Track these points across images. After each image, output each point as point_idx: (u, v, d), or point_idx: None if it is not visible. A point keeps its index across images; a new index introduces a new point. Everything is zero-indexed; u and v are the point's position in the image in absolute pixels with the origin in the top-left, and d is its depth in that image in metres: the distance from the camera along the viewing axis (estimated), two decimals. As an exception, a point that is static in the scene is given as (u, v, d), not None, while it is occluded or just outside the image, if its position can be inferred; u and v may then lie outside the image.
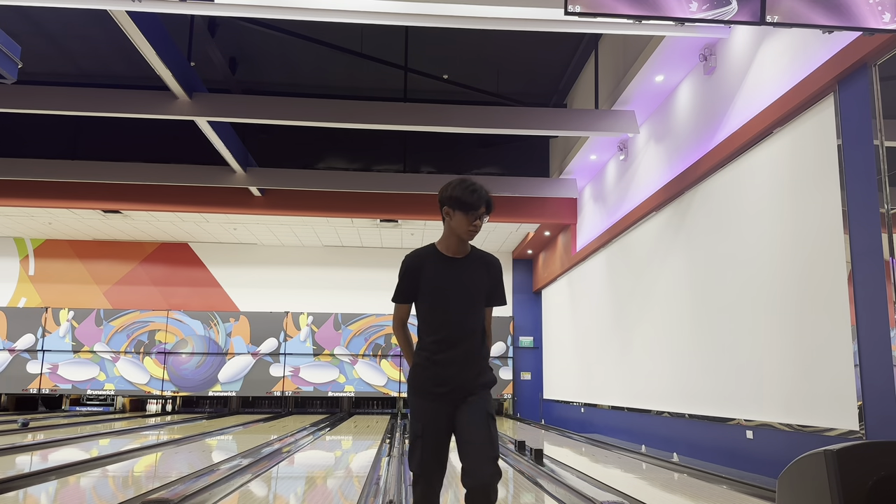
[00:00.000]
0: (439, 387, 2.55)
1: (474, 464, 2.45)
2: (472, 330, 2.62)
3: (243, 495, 4.55)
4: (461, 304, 2.62)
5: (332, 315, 13.22)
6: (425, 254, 2.72)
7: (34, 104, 7.96)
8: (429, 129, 8.34)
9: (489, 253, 2.80)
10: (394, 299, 2.69)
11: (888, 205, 3.96)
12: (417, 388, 2.60)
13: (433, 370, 2.57)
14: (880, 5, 3.43)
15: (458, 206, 2.62)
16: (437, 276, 2.64)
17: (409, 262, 2.71)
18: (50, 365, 12.81)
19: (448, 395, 2.55)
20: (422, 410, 2.57)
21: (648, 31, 5.94)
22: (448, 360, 2.57)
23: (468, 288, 2.65)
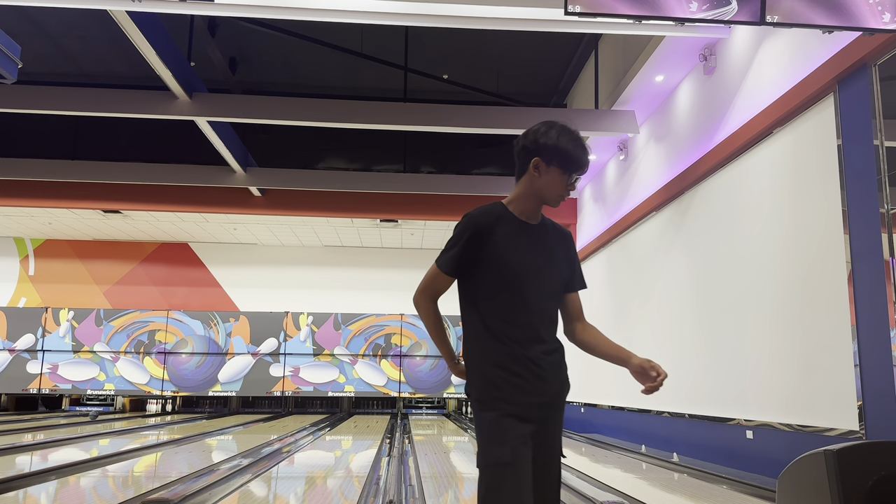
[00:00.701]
0: (533, 397, 1.92)
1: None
2: (554, 320, 2.08)
3: (243, 495, 4.55)
4: (546, 285, 2.03)
5: (332, 315, 13.22)
6: (497, 213, 2.02)
7: (34, 104, 7.96)
8: (429, 129, 8.34)
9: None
10: (440, 264, 2.05)
11: (888, 205, 3.96)
12: (497, 398, 1.91)
13: (521, 374, 1.92)
14: (880, 5, 3.43)
15: (561, 160, 1.98)
16: (513, 245, 2.00)
17: (477, 220, 1.99)
18: (50, 365, 12.81)
19: (541, 410, 1.94)
20: (508, 429, 1.87)
21: (648, 31, 5.94)
22: (536, 359, 1.95)
23: (551, 265, 2.05)
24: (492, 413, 1.90)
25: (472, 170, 11.88)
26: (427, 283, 2.11)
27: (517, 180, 2.07)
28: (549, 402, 1.95)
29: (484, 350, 1.97)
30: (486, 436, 1.90)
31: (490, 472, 1.84)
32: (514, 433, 1.86)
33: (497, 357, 1.94)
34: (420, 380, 13.11)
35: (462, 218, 2.02)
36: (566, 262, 2.10)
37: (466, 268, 2.02)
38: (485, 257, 1.98)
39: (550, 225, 2.12)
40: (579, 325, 2.18)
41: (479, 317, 2.01)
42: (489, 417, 1.90)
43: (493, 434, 1.88)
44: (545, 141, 1.99)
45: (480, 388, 1.95)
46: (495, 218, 2.00)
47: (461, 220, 2.02)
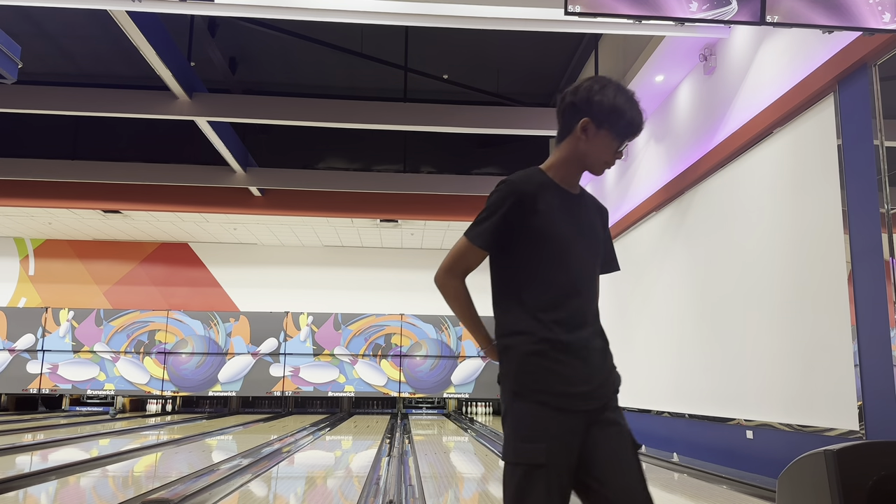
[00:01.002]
0: (577, 386, 1.68)
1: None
2: (597, 301, 1.88)
3: (243, 495, 4.55)
4: (590, 263, 1.82)
5: (332, 315, 13.22)
6: (539, 181, 1.77)
7: (34, 104, 7.96)
8: (429, 129, 8.34)
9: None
10: (473, 237, 1.77)
11: (888, 205, 3.95)
12: (535, 389, 1.66)
13: (564, 361, 1.68)
14: (880, 5, 3.43)
15: (615, 123, 1.74)
16: (558, 217, 1.75)
17: (520, 187, 1.74)
18: (50, 365, 12.81)
19: (587, 402, 1.69)
20: (545, 424, 1.63)
21: (648, 31, 5.95)
22: (582, 344, 1.74)
23: (594, 240, 1.85)
24: (528, 404, 1.65)
25: (472, 170, 11.89)
26: (454, 260, 1.80)
27: (558, 142, 1.82)
28: (596, 391, 1.72)
29: (522, 333, 1.71)
30: (519, 430, 1.65)
31: (520, 471, 1.61)
32: (553, 430, 1.62)
33: (537, 341, 1.68)
34: (420, 380, 13.12)
35: (499, 184, 1.77)
36: (603, 239, 1.91)
37: (503, 241, 1.76)
38: (526, 229, 1.73)
39: (588, 196, 1.88)
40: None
41: (516, 296, 1.77)
42: (524, 409, 1.65)
43: (527, 429, 1.63)
44: (600, 99, 1.73)
45: (516, 376, 1.69)
46: (538, 185, 1.75)
47: (498, 186, 1.76)
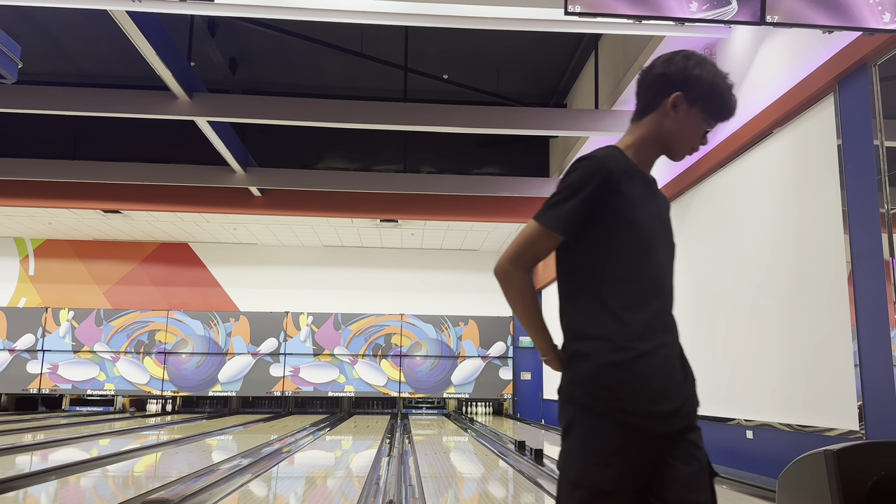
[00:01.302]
0: (662, 405, 1.47)
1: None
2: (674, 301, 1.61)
3: (243, 495, 4.55)
4: (669, 257, 1.61)
5: (332, 315, 13.22)
6: (622, 159, 1.57)
7: (34, 104, 7.96)
8: (429, 129, 8.34)
9: None
10: (549, 221, 1.56)
11: (888, 205, 3.96)
12: (613, 406, 1.44)
13: (648, 374, 1.46)
14: (880, 5, 3.43)
15: (709, 102, 1.60)
16: (644, 203, 1.55)
17: (608, 165, 1.52)
18: (50, 365, 12.81)
19: (672, 422, 1.50)
20: (621, 448, 1.43)
21: (648, 31, 5.94)
22: (667, 353, 1.53)
23: (670, 232, 1.64)
24: (602, 422, 1.44)
25: (472, 170, 11.89)
26: (522, 247, 1.57)
27: (636, 120, 1.62)
28: (681, 409, 1.51)
29: (599, 338, 1.47)
30: (587, 450, 1.44)
31: (583, 494, 1.42)
32: (629, 454, 1.43)
33: (618, 349, 1.45)
34: (420, 380, 13.11)
35: (581, 160, 1.53)
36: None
37: (582, 227, 1.52)
38: (611, 215, 1.50)
39: (654, 181, 1.66)
40: None
41: (594, 293, 1.51)
42: (597, 427, 1.44)
43: (599, 450, 1.43)
44: (699, 73, 1.56)
45: (590, 389, 1.46)
46: (622, 165, 1.54)
47: (580, 162, 1.52)
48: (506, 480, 5.68)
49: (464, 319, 13.31)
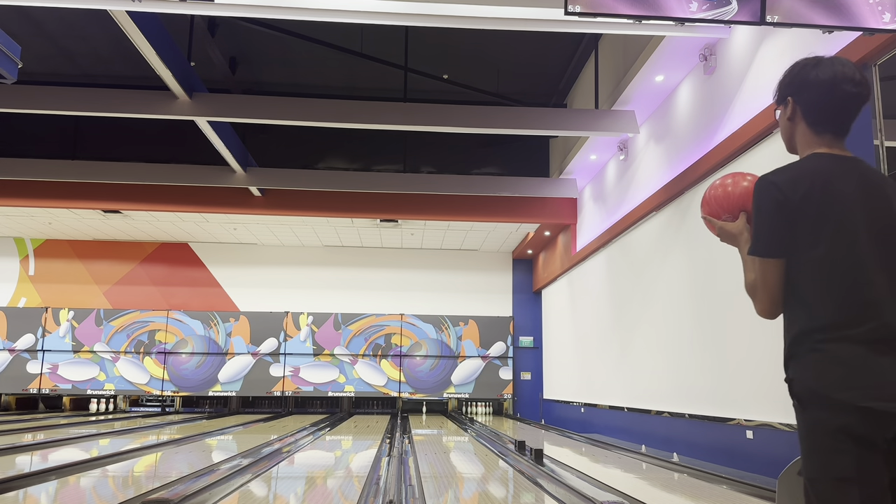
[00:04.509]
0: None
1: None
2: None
3: (243, 495, 4.55)
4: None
5: (332, 315, 13.22)
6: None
7: (34, 104, 7.96)
8: (429, 129, 8.34)
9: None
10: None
11: (888, 205, 3.95)
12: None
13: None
14: (880, 5, 3.43)
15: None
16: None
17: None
18: (50, 365, 12.81)
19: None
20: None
21: (648, 31, 5.94)
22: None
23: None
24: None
25: (472, 170, 11.89)
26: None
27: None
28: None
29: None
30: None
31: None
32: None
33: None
34: (420, 380, 13.12)
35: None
36: None
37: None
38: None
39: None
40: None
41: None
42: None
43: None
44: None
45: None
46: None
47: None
48: (506, 480, 5.68)
49: (464, 319, 13.31)
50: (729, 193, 1.81)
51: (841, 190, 1.56)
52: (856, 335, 1.49)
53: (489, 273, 13.88)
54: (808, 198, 1.55)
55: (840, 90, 1.62)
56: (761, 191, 1.62)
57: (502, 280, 13.91)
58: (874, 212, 1.56)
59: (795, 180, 1.58)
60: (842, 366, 1.48)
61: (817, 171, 1.60)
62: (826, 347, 1.51)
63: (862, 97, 1.64)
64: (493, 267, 13.92)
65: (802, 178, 1.59)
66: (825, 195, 1.56)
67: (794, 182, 1.58)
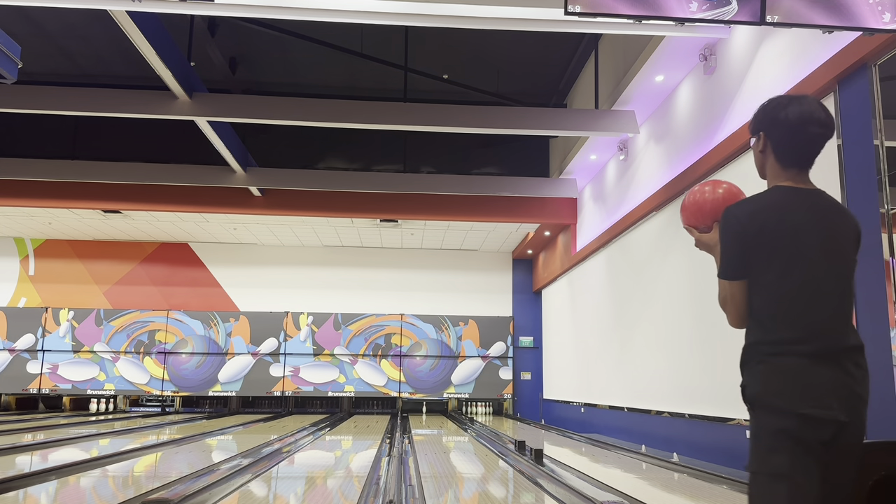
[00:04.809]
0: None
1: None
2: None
3: (243, 495, 4.55)
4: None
5: (332, 315, 13.22)
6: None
7: (34, 104, 7.96)
8: (429, 129, 8.34)
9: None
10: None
11: (888, 205, 3.96)
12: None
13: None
14: (880, 5, 3.43)
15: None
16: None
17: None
18: (50, 365, 12.81)
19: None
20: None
21: (648, 31, 5.94)
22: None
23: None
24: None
25: (472, 170, 11.89)
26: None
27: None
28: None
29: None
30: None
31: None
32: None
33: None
34: (420, 380, 13.12)
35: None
36: None
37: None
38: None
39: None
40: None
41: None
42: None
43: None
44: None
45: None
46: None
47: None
48: (506, 480, 5.68)
49: (464, 319, 13.31)
50: (703, 205, 2.00)
51: (795, 221, 1.78)
52: (801, 350, 1.72)
53: (489, 273, 13.88)
54: (763, 229, 1.77)
55: (806, 131, 1.83)
56: (725, 222, 1.84)
57: (502, 280, 13.91)
58: (824, 240, 1.78)
59: (754, 213, 1.79)
60: (785, 376, 1.71)
61: (775, 204, 1.81)
62: (773, 360, 1.74)
63: (826, 136, 1.86)
64: (493, 267, 13.92)
65: (761, 210, 1.80)
66: (779, 226, 1.77)
67: (753, 215, 1.79)
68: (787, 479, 1.66)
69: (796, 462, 1.66)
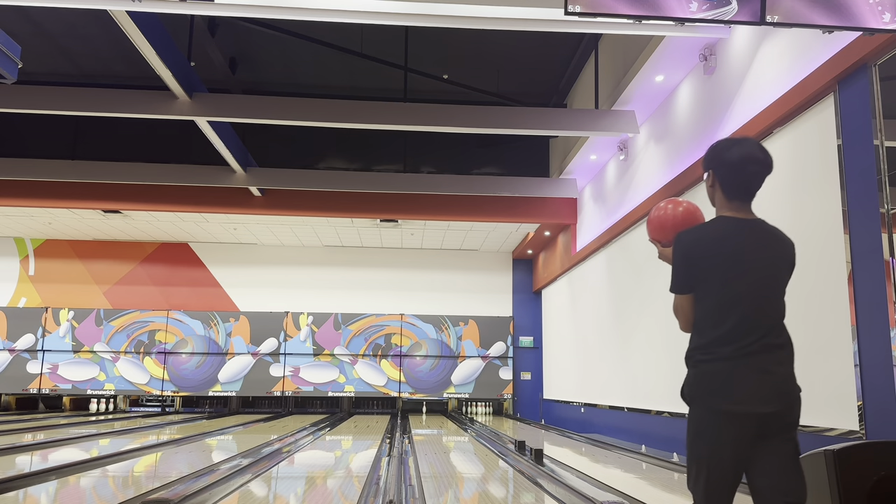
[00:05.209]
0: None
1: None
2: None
3: (243, 495, 4.55)
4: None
5: (332, 315, 13.22)
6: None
7: (34, 104, 7.96)
8: (429, 129, 8.34)
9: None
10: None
11: (888, 205, 3.95)
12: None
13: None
14: (880, 5, 3.43)
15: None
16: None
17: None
18: (50, 365, 12.81)
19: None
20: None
21: (648, 31, 5.94)
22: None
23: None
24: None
25: (472, 170, 11.89)
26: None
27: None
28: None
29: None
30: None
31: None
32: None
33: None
34: (420, 380, 13.12)
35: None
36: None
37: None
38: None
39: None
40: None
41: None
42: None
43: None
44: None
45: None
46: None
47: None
48: (506, 480, 5.68)
49: (464, 319, 13.31)
50: (665, 221, 2.31)
51: (731, 247, 2.12)
52: (726, 354, 2.04)
53: (489, 273, 13.88)
54: (704, 254, 2.12)
55: (746, 170, 2.16)
56: (675, 246, 2.18)
57: (502, 280, 13.91)
58: (756, 262, 2.11)
59: (698, 240, 2.15)
60: (712, 378, 2.05)
61: (716, 232, 2.16)
62: (703, 364, 2.08)
63: (764, 173, 2.19)
64: (493, 267, 13.92)
65: (704, 238, 2.15)
66: (718, 251, 2.11)
67: (697, 241, 2.15)
68: (707, 463, 2.04)
69: (715, 450, 2.02)
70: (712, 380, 2.04)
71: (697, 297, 2.13)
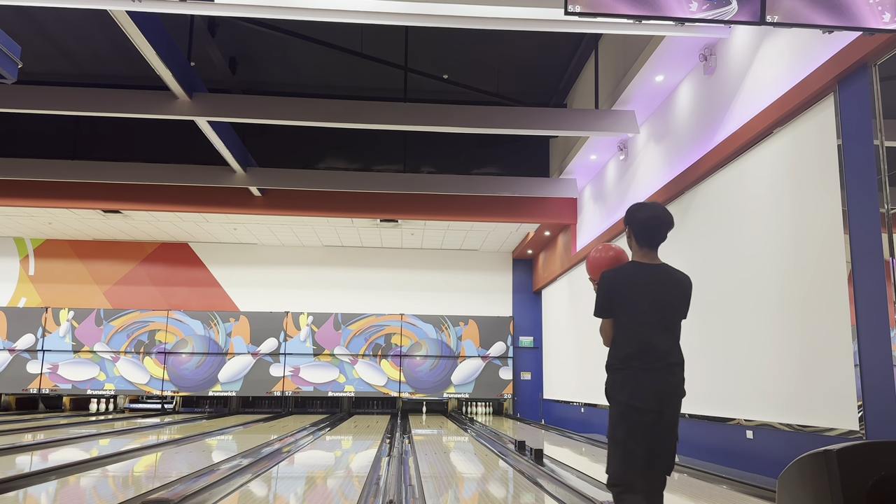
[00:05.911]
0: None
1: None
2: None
3: (243, 495, 4.55)
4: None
5: (332, 315, 13.22)
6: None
7: (34, 104, 7.96)
8: (429, 129, 8.34)
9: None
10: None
11: (888, 205, 3.96)
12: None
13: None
14: (880, 5, 3.43)
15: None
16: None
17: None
18: (50, 365, 12.81)
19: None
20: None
21: (648, 31, 5.94)
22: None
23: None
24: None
25: (472, 170, 11.89)
26: None
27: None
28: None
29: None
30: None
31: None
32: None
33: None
34: (420, 380, 13.12)
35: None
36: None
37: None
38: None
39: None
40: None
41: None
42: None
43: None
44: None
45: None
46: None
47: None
48: (506, 480, 5.68)
49: (464, 319, 13.31)
50: (600, 262, 2.92)
51: (638, 285, 2.76)
52: (634, 365, 2.70)
53: (489, 273, 13.88)
54: (619, 290, 2.76)
55: (650, 226, 2.81)
56: (599, 281, 2.81)
57: (502, 280, 13.91)
58: (657, 296, 2.77)
59: (616, 278, 2.78)
60: (624, 382, 2.72)
61: (628, 274, 2.80)
62: (618, 371, 2.76)
63: (665, 228, 2.83)
64: (493, 267, 13.92)
65: (619, 277, 2.78)
66: (628, 288, 2.75)
67: (615, 279, 2.78)
68: (622, 444, 2.69)
69: (628, 434, 2.67)
70: (625, 384, 2.70)
71: (615, 321, 2.76)
